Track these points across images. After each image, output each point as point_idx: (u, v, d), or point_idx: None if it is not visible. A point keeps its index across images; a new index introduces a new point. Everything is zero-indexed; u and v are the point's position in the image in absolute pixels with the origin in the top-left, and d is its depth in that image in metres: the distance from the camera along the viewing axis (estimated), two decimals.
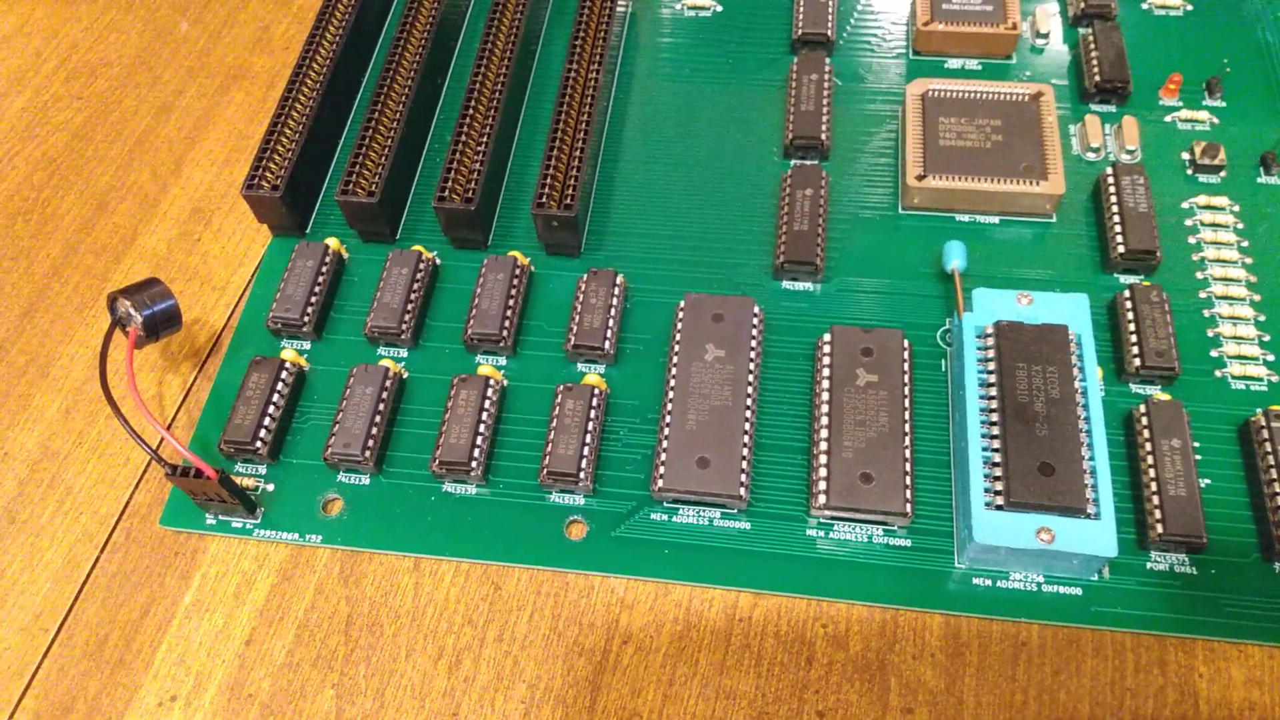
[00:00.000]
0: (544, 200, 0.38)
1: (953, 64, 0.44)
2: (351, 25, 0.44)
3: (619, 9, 0.44)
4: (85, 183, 0.44)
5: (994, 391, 0.32)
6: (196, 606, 0.34)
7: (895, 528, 0.33)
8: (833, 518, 0.33)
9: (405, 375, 0.37)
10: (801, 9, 0.44)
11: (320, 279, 0.38)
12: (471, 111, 0.40)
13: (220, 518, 0.35)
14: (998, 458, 0.31)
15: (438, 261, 0.40)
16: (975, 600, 0.31)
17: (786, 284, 0.38)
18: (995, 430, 0.32)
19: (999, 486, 0.31)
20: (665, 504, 0.34)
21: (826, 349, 0.35)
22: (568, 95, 0.40)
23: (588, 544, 0.34)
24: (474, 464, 0.34)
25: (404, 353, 0.38)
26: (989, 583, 0.32)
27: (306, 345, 0.38)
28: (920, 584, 0.32)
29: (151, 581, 0.34)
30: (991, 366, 0.33)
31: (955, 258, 0.37)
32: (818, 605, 0.32)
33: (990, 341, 0.33)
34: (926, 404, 0.35)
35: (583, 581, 0.33)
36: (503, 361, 0.37)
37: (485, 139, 0.39)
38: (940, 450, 0.34)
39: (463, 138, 0.39)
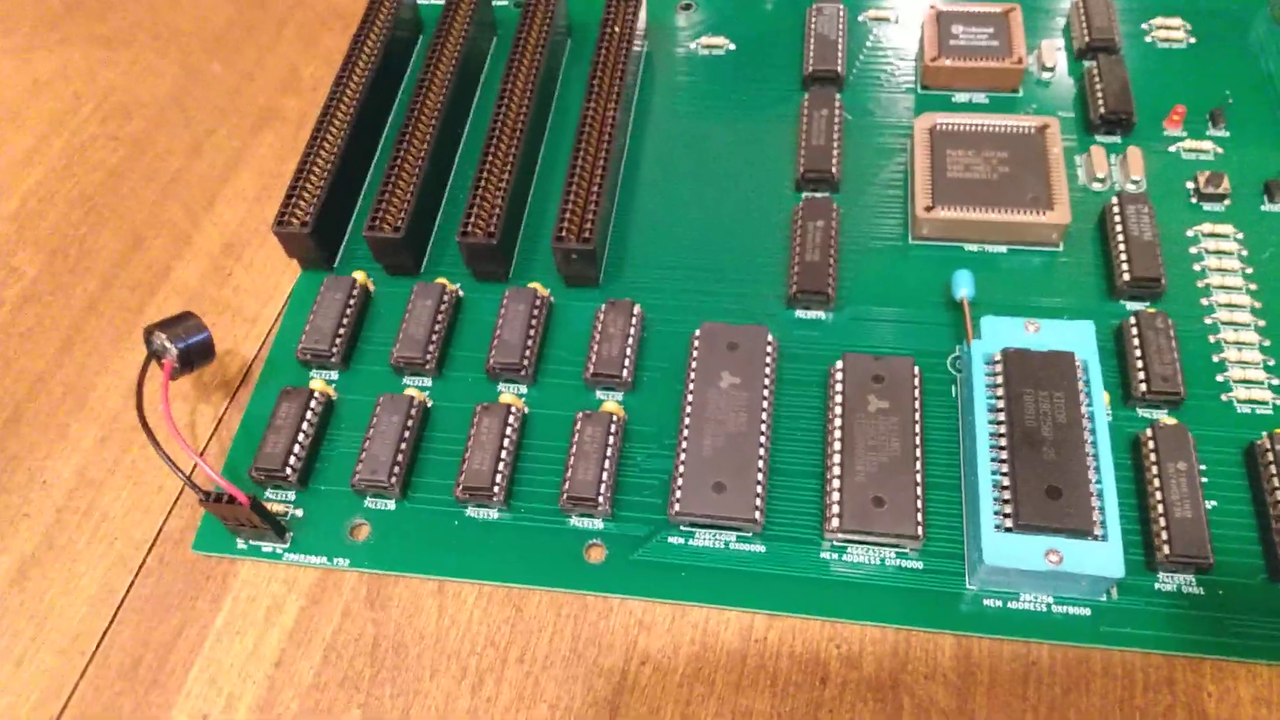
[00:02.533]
0: (563, 234, 0.39)
1: (960, 98, 0.45)
2: (378, 66, 0.45)
3: (635, 49, 0.45)
4: (121, 220, 0.46)
5: (1002, 417, 0.33)
6: (228, 629, 0.35)
7: (907, 550, 0.34)
8: (846, 541, 0.34)
9: (429, 404, 0.38)
10: (812, 47, 0.46)
11: (348, 311, 0.39)
12: (493, 149, 0.41)
13: (251, 543, 0.36)
14: (1006, 481, 0.32)
15: (461, 293, 0.41)
16: (986, 621, 0.32)
17: (799, 313, 0.39)
18: (1004, 455, 0.32)
19: (1008, 509, 0.31)
20: (682, 528, 0.35)
21: (839, 376, 0.36)
22: (586, 132, 0.42)
23: (607, 567, 0.34)
24: (496, 489, 0.35)
25: (428, 382, 0.39)
26: (999, 604, 0.32)
27: (335, 375, 0.39)
28: (932, 605, 0.33)
29: (184, 605, 0.35)
30: (999, 392, 0.33)
31: (964, 286, 0.38)
32: (832, 626, 0.33)
33: (998, 368, 0.34)
34: (937, 429, 0.36)
35: (602, 603, 0.34)
36: (524, 390, 0.38)
37: (506, 175, 0.40)
38: (951, 474, 0.35)
39: (485, 174, 0.40)
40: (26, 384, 0.41)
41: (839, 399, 0.35)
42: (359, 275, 0.41)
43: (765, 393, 0.36)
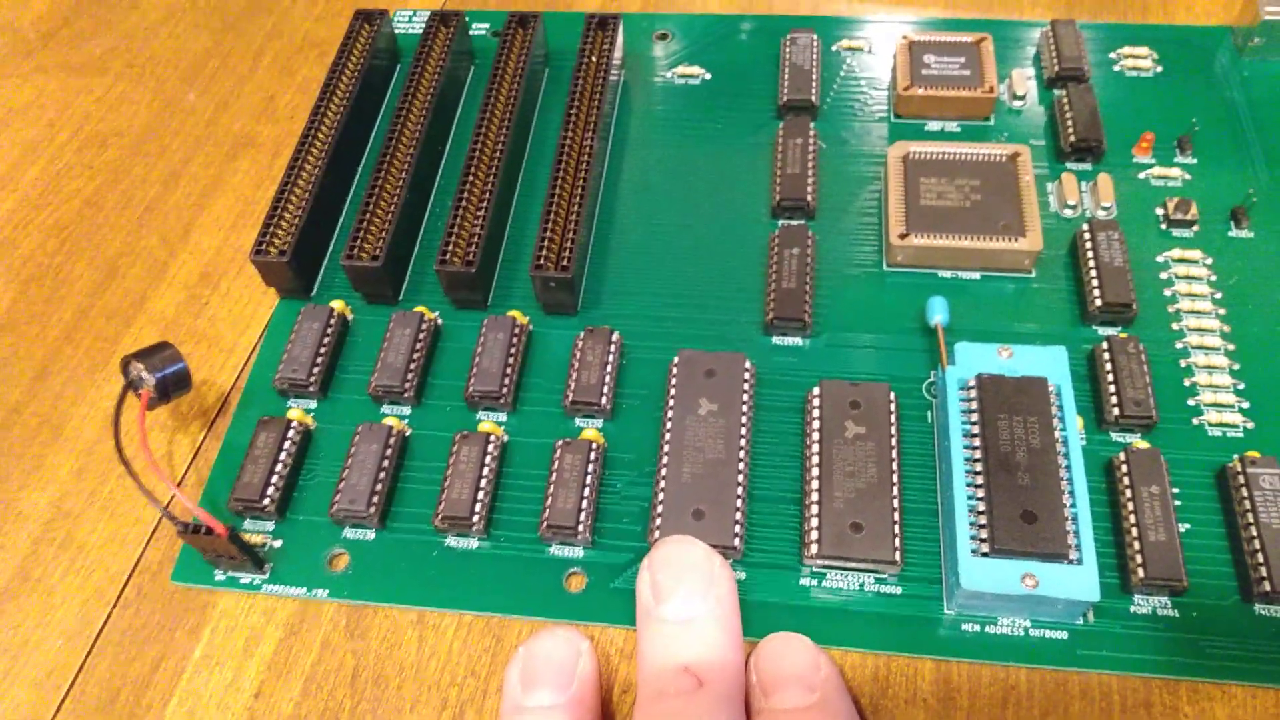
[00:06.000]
0: (542, 262, 0.39)
1: (933, 126, 0.46)
2: (355, 94, 0.45)
3: (612, 78, 0.46)
4: (96, 249, 0.46)
5: (977, 442, 0.33)
6: (206, 660, 0.34)
7: (886, 576, 0.34)
8: (825, 566, 0.34)
9: (409, 432, 0.38)
10: (786, 76, 0.46)
11: (325, 340, 0.39)
12: (471, 178, 0.41)
13: (229, 574, 0.36)
14: (982, 506, 0.32)
15: (439, 322, 0.41)
16: (965, 645, 0.32)
17: (776, 339, 0.40)
18: (979, 480, 0.33)
19: (984, 534, 0.32)
20: None
21: (816, 402, 0.36)
22: (564, 161, 0.42)
23: (587, 595, 0.34)
24: (475, 518, 0.35)
25: (407, 410, 0.39)
26: (978, 628, 0.33)
27: (313, 404, 0.39)
28: (911, 630, 0.33)
29: (162, 636, 0.35)
30: (974, 418, 0.34)
31: (938, 313, 0.38)
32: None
33: (972, 394, 0.34)
34: (913, 454, 0.36)
35: (583, 632, 0.34)
36: (503, 418, 0.38)
37: (485, 204, 0.41)
38: (928, 499, 0.35)
39: (463, 203, 0.41)
40: (1, 414, 0.41)
41: (816, 425, 0.36)
42: (337, 304, 0.41)
43: (743, 419, 0.36)
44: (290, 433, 0.37)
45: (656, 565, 0.31)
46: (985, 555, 0.31)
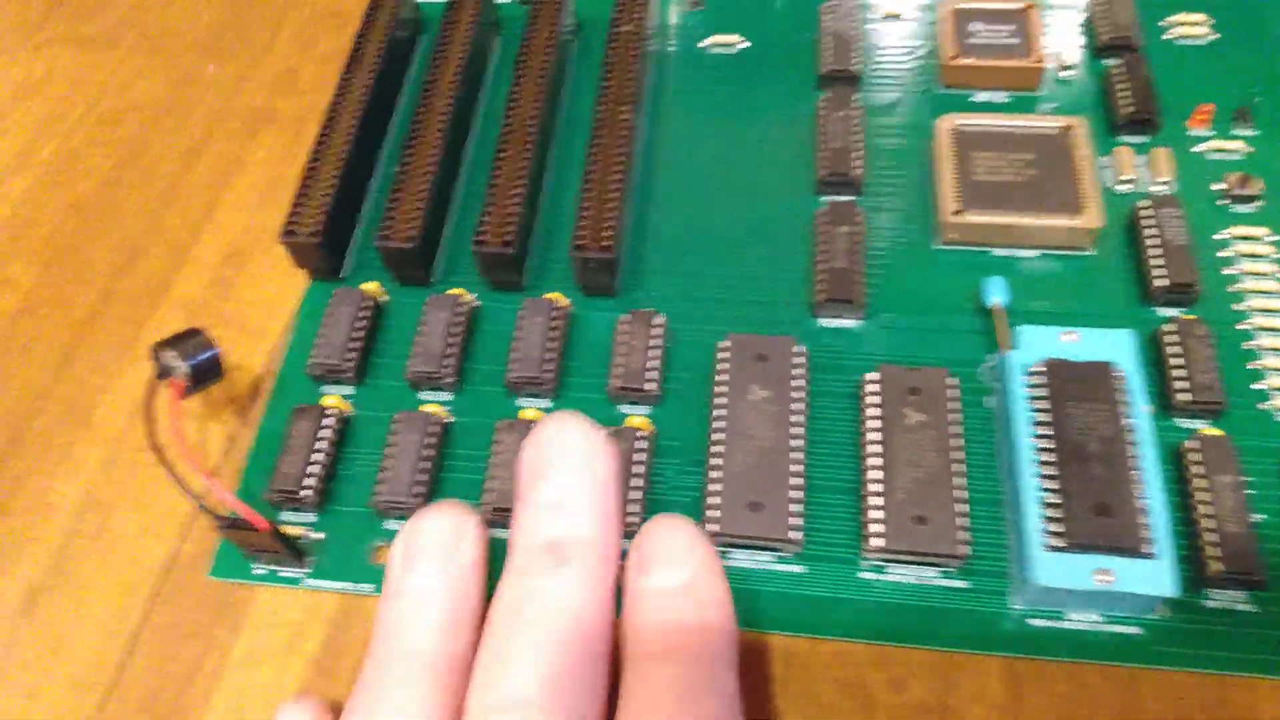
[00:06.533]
0: (582, 242, 0.38)
1: (979, 97, 0.44)
2: (380, 68, 0.44)
3: (647, 49, 0.44)
4: (117, 229, 0.44)
5: (1046, 431, 0.32)
6: (248, 658, 0.34)
7: (951, 569, 0.33)
8: (887, 560, 0.33)
9: (449, 419, 0.37)
10: (826, 45, 0.45)
11: (359, 324, 0.38)
12: (504, 154, 0.40)
13: (269, 568, 0.35)
14: (1053, 498, 0.31)
15: (477, 304, 0.40)
16: (1034, 641, 0.31)
17: (825, 321, 0.38)
18: (1049, 470, 0.32)
19: (1056, 528, 0.31)
20: (718, 547, 0.34)
21: (872, 388, 0.35)
22: (600, 135, 0.40)
23: None
24: None
25: (447, 396, 0.38)
26: (1047, 624, 0.32)
27: (349, 390, 0.38)
28: (977, 626, 0.32)
29: (201, 633, 0.34)
30: (1042, 405, 0.33)
31: (996, 293, 0.37)
32: (875, 649, 0.32)
33: (1040, 380, 0.33)
34: (972, 442, 0.35)
35: None
36: (545, 404, 0.37)
37: (521, 182, 0.39)
38: (989, 489, 0.34)
39: (497, 181, 0.39)
40: (27, 401, 0.40)
41: (874, 411, 0.35)
42: (371, 286, 0.39)
43: (796, 405, 0.35)
44: (327, 420, 0.36)
45: (531, 443, 0.30)
46: (1057, 550, 0.30)
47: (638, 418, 0.36)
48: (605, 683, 0.28)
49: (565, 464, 0.30)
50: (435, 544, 0.30)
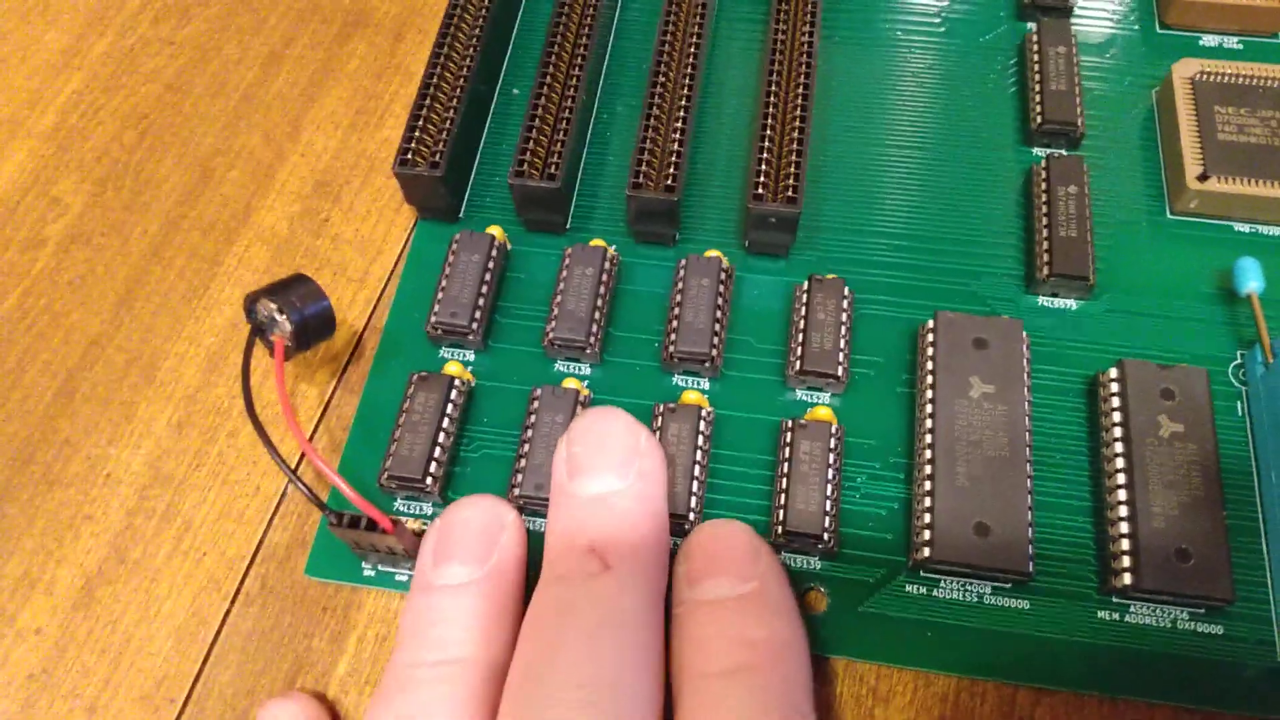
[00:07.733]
0: (760, 192, 0.31)
1: (1208, 40, 0.37)
2: None
3: None
4: (184, 145, 0.38)
5: None
6: (354, 676, 0.28)
7: (1209, 612, 0.27)
8: (1132, 599, 0.27)
9: (590, 397, 0.31)
10: None
11: (488, 277, 0.32)
12: (659, 88, 0.33)
13: (381, 568, 0.29)
14: None
15: (619, 258, 0.33)
16: None
17: (1044, 300, 0.32)
18: None
19: None
20: (922, 573, 0.28)
21: (1115, 387, 0.29)
22: (776, 68, 0.34)
23: (829, 619, 0.28)
24: (691, 514, 0.28)
25: (586, 369, 0.32)
26: None
27: (470, 356, 0.32)
28: (1236, 682, 0.26)
29: (296, 643, 0.28)
30: None
31: (1252, 279, 0.31)
32: (1112, 705, 0.27)
33: None
34: (1226, 457, 0.29)
35: (824, 665, 0.27)
36: (705, 385, 0.31)
37: (682, 122, 0.33)
38: (1246, 516, 0.28)
39: (651, 120, 0.33)
40: (79, 348, 0.33)
41: (1119, 417, 0.28)
42: (497, 231, 0.33)
43: (1026, 406, 0.29)
44: (453, 394, 0.30)
45: (574, 438, 0.27)
46: None
47: (823, 409, 0.30)
48: (661, 698, 0.24)
49: (610, 456, 0.26)
50: (470, 537, 0.27)
